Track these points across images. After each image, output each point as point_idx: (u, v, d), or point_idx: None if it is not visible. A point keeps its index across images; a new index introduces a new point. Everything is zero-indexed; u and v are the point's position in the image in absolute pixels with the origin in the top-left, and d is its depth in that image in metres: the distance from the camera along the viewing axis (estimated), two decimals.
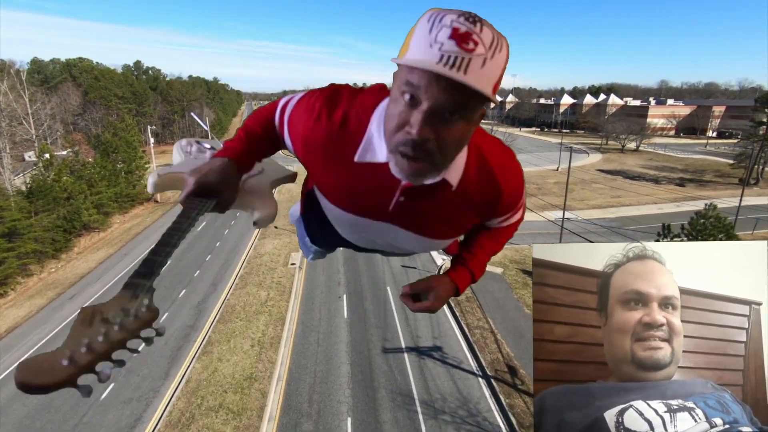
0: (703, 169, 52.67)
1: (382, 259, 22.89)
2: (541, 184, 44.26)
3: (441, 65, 0.67)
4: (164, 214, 33.65)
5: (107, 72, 71.77)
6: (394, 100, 0.78)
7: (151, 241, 28.58)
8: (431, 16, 0.71)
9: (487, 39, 0.69)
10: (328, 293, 19.67)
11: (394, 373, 13.93)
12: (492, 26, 0.71)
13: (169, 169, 1.19)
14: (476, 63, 0.68)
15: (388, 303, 18.59)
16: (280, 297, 19.17)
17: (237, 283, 20.58)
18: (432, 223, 0.98)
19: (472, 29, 0.68)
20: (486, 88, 0.70)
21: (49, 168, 28.15)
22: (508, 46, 0.74)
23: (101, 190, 31.18)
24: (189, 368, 14.15)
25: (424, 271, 21.58)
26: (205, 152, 1.48)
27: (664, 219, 32.73)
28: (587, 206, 36.07)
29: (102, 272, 22.81)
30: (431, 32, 0.69)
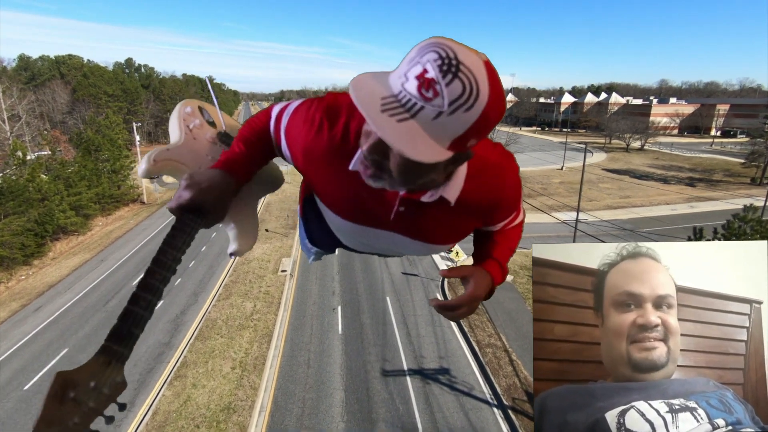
0: (711, 168, 51.01)
1: (381, 266, 20.99)
2: (546, 184, 42.50)
3: (383, 111, 0.63)
4: (149, 216, 31.68)
5: (97, 69, 69.61)
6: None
7: (131, 246, 26.75)
8: (422, 48, 0.64)
9: (452, 94, 0.61)
10: (321, 304, 17.76)
11: (395, 401, 12.04)
12: (473, 79, 0.61)
13: (165, 152, 1.12)
14: (428, 113, 0.62)
15: (387, 315, 16.71)
16: (268, 309, 17.25)
17: (221, 293, 18.63)
18: (433, 230, 0.98)
19: (439, 78, 0.61)
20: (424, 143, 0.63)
21: (22, 167, 26.17)
22: (491, 103, 0.63)
23: (81, 190, 29.17)
24: (158, 396, 12.22)
25: (426, 279, 19.71)
26: (206, 132, 1.26)
27: (679, 220, 31.12)
28: (597, 207, 34.29)
29: (74, 280, 20.83)
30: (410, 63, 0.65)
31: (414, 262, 21.58)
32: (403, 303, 17.58)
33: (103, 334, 0.64)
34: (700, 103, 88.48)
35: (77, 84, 65.96)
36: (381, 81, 0.67)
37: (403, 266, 21.18)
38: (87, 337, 15.55)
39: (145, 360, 13.88)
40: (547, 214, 31.57)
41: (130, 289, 20.43)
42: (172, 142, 1.20)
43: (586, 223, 30.34)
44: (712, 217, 30.33)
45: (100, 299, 18.62)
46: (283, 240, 25.17)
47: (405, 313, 16.82)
